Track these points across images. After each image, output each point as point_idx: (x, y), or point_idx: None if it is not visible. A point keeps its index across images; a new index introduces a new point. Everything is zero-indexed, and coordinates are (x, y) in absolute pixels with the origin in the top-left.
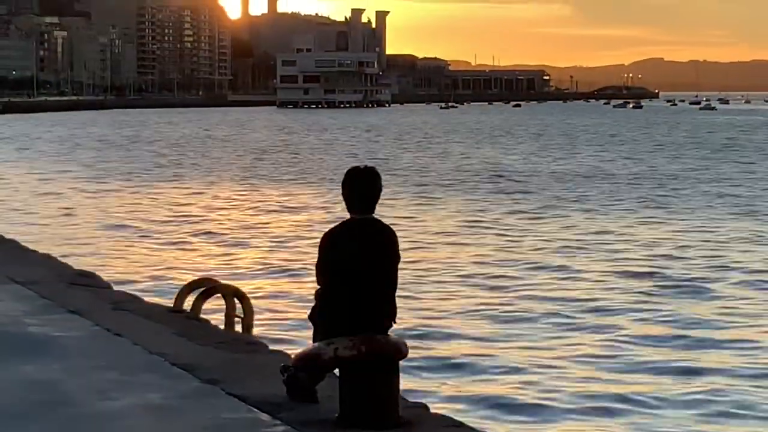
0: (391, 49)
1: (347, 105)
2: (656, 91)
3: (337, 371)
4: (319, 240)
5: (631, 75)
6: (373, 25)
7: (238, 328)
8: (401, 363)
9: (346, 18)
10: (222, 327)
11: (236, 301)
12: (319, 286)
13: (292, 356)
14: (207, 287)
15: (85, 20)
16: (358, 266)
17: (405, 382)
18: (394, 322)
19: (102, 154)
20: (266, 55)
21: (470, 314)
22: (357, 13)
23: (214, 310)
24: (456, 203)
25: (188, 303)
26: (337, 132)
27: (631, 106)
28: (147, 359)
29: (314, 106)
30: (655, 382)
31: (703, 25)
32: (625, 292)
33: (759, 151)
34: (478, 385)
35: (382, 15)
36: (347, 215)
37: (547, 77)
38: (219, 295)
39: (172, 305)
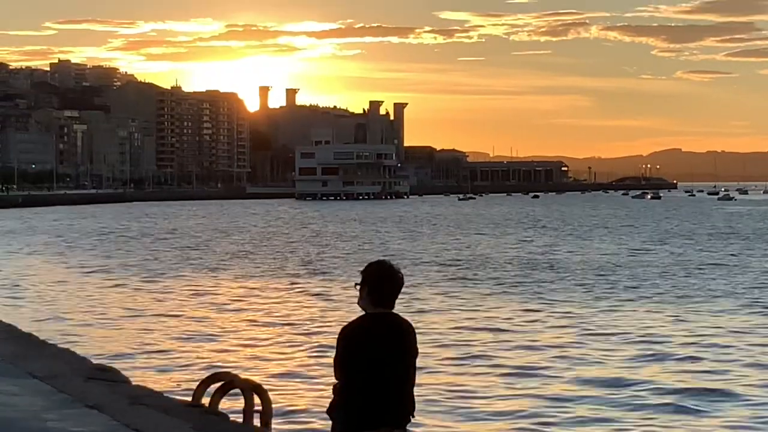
0: (409, 141)
1: (366, 197)
2: (674, 181)
3: None
4: (338, 334)
5: (649, 165)
6: (391, 117)
7: (257, 422)
8: None
9: (364, 110)
10: (240, 422)
11: (255, 395)
12: (337, 381)
13: None
14: (225, 381)
15: (104, 114)
16: (376, 362)
17: None
18: (413, 417)
19: (121, 246)
20: (285, 147)
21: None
22: (375, 105)
23: (232, 405)
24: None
25: (206, 397)
26: (357, 224)
27: (649, 196)
28: None
29: (333, 198)
30: None
31: (720, 115)
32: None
33: None
34: None
35: (400, 107)
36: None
37: (565, 168)
38: (238, 389)
39: (190, 400)
